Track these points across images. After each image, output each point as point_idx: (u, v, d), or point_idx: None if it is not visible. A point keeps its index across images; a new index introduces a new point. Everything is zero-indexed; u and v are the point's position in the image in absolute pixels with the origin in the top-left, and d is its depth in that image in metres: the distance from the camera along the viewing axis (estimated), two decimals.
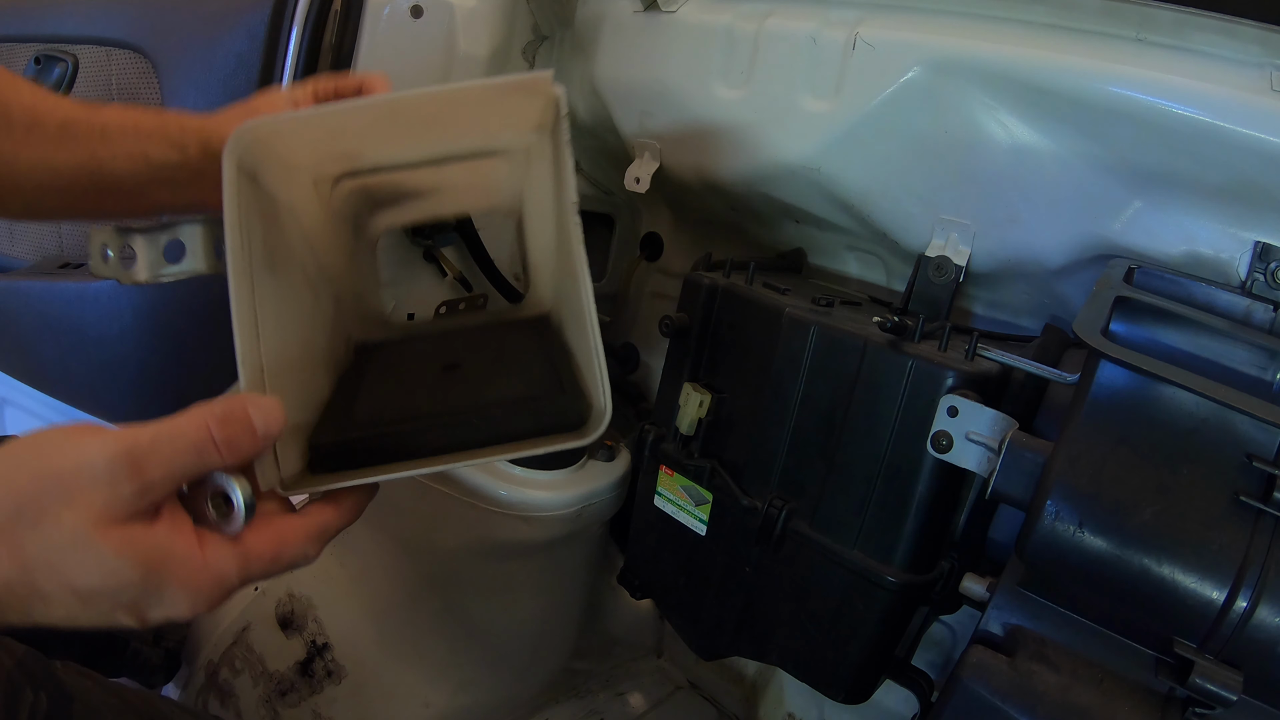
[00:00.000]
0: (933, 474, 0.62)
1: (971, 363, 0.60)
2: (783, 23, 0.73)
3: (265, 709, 0.93)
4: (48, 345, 1.09)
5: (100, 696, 0.59)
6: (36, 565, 0.38)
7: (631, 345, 1.04)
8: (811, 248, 0.89)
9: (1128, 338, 0.51)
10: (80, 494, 0.38)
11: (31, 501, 0.38)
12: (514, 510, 0.83)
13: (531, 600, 0.98)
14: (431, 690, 0.98)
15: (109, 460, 0.38)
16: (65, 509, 0.38)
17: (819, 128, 0.71)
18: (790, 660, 0.73)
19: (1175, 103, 0.56)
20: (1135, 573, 0.43)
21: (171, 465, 0.39)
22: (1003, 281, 0.73)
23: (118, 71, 1.01)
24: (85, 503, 0.38)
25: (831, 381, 0.66)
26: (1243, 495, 0.42)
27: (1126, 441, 0.46)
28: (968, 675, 0.46)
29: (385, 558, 0.99)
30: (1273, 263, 0.58)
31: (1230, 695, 0.40)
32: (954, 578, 0.64)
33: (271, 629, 0.97)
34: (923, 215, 0.71)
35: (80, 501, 0.38)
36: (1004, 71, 0.62)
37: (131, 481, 0.38)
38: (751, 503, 0.71)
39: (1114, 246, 0.63)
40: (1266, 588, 0.41)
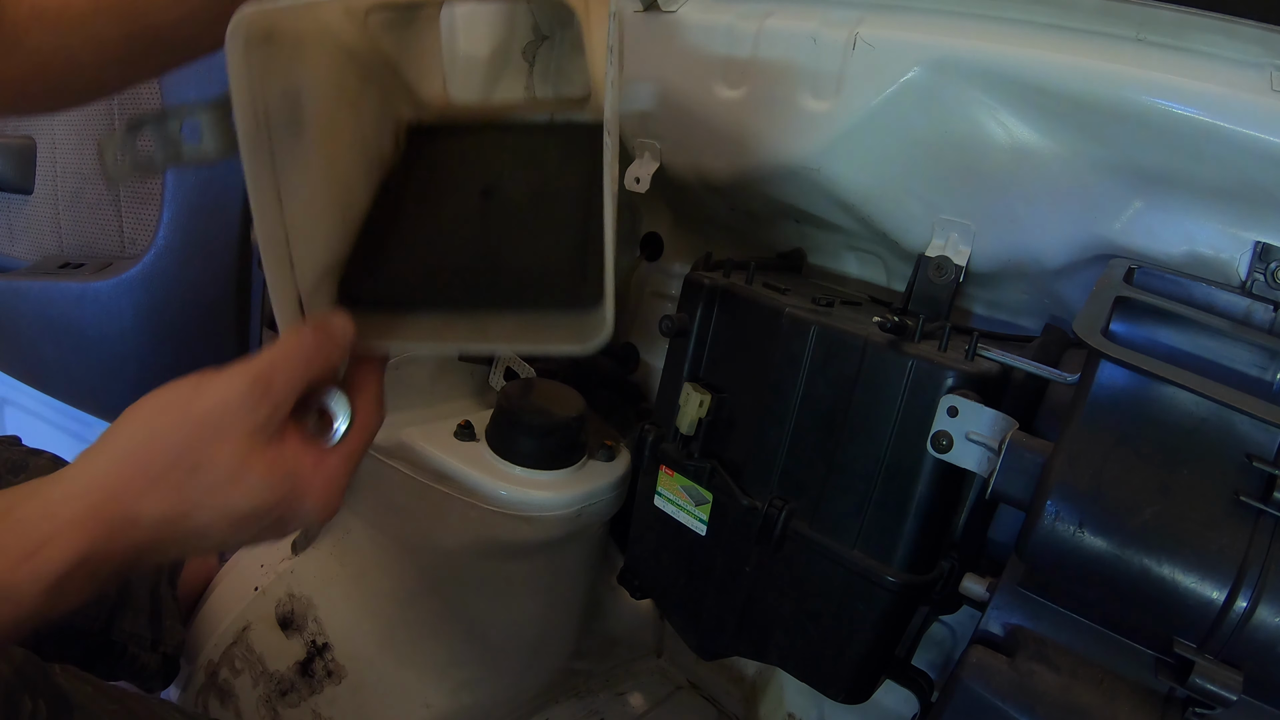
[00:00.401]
0: (933, 474, 0.62)
1: (971, 363, 0.60)
2: (783, 23, 0.73)
3: (265, 709, 0.93)
4: (48, 345, 1.09)
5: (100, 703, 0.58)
6: (198, 504, 0.41)
7: (631, 345, 1.04)
8: (811, 248, 0.89)
9: (1128, 338, 0.51)
10: (229, 429, 0.41)
11: (187, 448, 0.41)
12: (514, 510, 0.83)
13: (531, 600, 0.98)
14: (431, 690, 0.98)
15: (244, 390, 0.42)
16: (218, 447, 0.41)
17: (819, 128, 0.71)
18: (790, 660, 0.73)
19: (1175, 103, 0.56)
20: (1135, 573, 0.43)
21: (291, 381, 0.43)
22: (1003, 281, 0.73)
23: None
24: (235, 435, 0.41)
25: (831, 381, 0.66)
26: (1243, 495, 0.42)
27: (1126, 441, 0.46)
28: (968, 675, 0.46)
29: (385, 558, 0.99)
30: (1273, 263, 0.58)
31: (1230, 695, 0.40)
32: (954, 578, 0.64)
33: (271, 629, 0.97)
34: (923, 215, 0.71)
35: (231, 435, 0.41)
36: (1004, 71, 0.62)
37: (265, 404, 0.42)
38: (751, 503, 0.71)
39: (1114, 246, 0.63)
40: (1266, 588, 0.41)
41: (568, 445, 0.86)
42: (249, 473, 0.42)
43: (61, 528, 0.39)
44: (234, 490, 0.42)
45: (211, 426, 0.41)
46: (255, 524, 0.44)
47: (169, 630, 0.91)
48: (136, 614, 0.87)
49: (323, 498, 0.46)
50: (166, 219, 0.98)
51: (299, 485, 0.44)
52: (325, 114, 0.52)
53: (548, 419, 0.85)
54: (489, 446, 0.87)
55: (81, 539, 0.39)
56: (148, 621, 0.89)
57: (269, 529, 0.45)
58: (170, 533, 0.41)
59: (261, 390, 0.42)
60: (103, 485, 0.40)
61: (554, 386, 0.91)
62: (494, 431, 0.88)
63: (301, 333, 0.45)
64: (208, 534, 0.43)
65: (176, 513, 0.41)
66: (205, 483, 0.41)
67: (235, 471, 0.42)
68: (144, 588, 0.89)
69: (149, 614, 0.89)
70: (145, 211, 1.03)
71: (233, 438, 0.41)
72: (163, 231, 0.99)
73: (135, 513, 0.40)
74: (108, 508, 0.40)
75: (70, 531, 0.39)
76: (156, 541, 0.41)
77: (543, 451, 0.85)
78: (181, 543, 0.42)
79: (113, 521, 0.40)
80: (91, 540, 0.39)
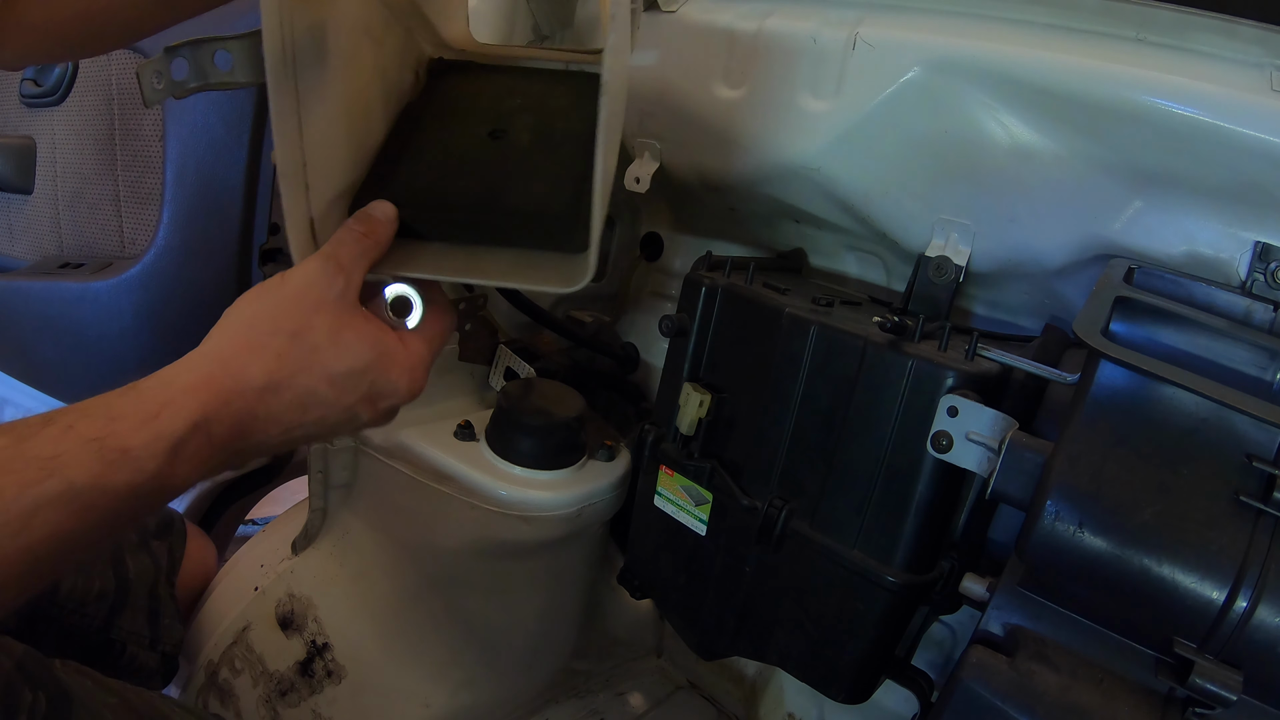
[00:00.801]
0: (933, 474, 0.62)
1: (971, 363, 0.60)
2: (783, 22, 0.73)
3: (265, 709, 0.93)
4: (48, 345, 1.09)
5: (100, 696, 0.59)
6: (302, 365, 0.46)
7: (631, 345, 1.04)
8: (811, 248, 0.89)
9: (1128, 338, 0.51)
10: (320, 298, 0.47)
11: (285, 317, 0.46)
12: (514, 510, 0.83)
13: (531, 600, 0.98)
14: (431, 690, 0.98)
15: (320, 267, 0.47)
16: (314, 314, 0.47)
17: (819, 128, 0.71)
18: (790, 660, 0.73)
19: (1175, 103, 0.56)
20: (1135, 573, 0.43)
21: (354, 253, 0.48)
22: (1003, 281, 0.73)
23: (117, 73, 1.02)
24: (327, 303, 0.47)
25: (831, 381, 0.66)
26: (1243, 495, 0.42)
27: (1126, 441, 0.46)
28: (968, 675, 0.46)
29: (385, 558, 0.98)
30: (1273, 263, 0.58)
31: (1230, 695, 0.40)
32: (954, 578, 0.64)
33: (271, 629, 0.96)
34: (923, 215, 0.71)
35: (323, 304, 0.47)
36: (1004, 71, 0.62)
37: (340, 274, 0.47)
38: (751, 503, 0.71)
39: (1114, 246, 0.63)
40: (1266, 588, 0.41)
41: (568, 445, 0.86)
42: (343, 334, 0.47)
43: (176, 394, 0.42)
44: (332, 351, 0.47)
45: (304, 299, 0.47)
46: (353, 387, 0.48)
47: (167, 629, 0.91)
48: (135, 613, 0.87)
49: (408, 372, 0.50)
50: (166, 219, 0.98)
51: (386, 354, 0.49)
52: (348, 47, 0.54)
53: (548, 419, 0.85)
54: (489, 446, 0.87)
55: (195, 403, 0.42)
56: (146, 620, 0.89)
57: (365, 399, 0.49)
58: (279, 400, 0.45)
59: (335, 265, 0.47)
60: (214, 356, 0.45)
61: (554, 386, 0.91)
62: (494, 431, 0.87)
63: (348, 223, 0.50)
64: (312, 397, 0.47)
65: (283, 375, 0.45)
66: (305, 345, 0.46)
67: (331, 333, 0.47)
68: (143, 587, 0.89)
69: (148, 613, 0.89)
70: (145, 211, 1.03)
71: (325, 306, 0.47)
72: (163, 231, 0.98)
73: (244, 378, 0.44)
74: (218, 375, 0.44)
75: (185, 397, 0.42)
76: (268, 409, 0.45)
77: (543, 451, 0.85)
78: (291, 411, 0.46)
79: (224, 387, 0.44)
80: (203, 404, 0.43)
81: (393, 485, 0.92)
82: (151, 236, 0.99)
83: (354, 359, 0.47)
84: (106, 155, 1.04)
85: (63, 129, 1.08)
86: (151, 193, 1.01)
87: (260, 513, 1.42)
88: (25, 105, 1.09)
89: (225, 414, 0.43)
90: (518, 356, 0.95)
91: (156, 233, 0.99)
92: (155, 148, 1.00)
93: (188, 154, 0.97)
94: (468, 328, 0.93)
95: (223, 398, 0.43)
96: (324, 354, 0.47)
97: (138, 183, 1.03)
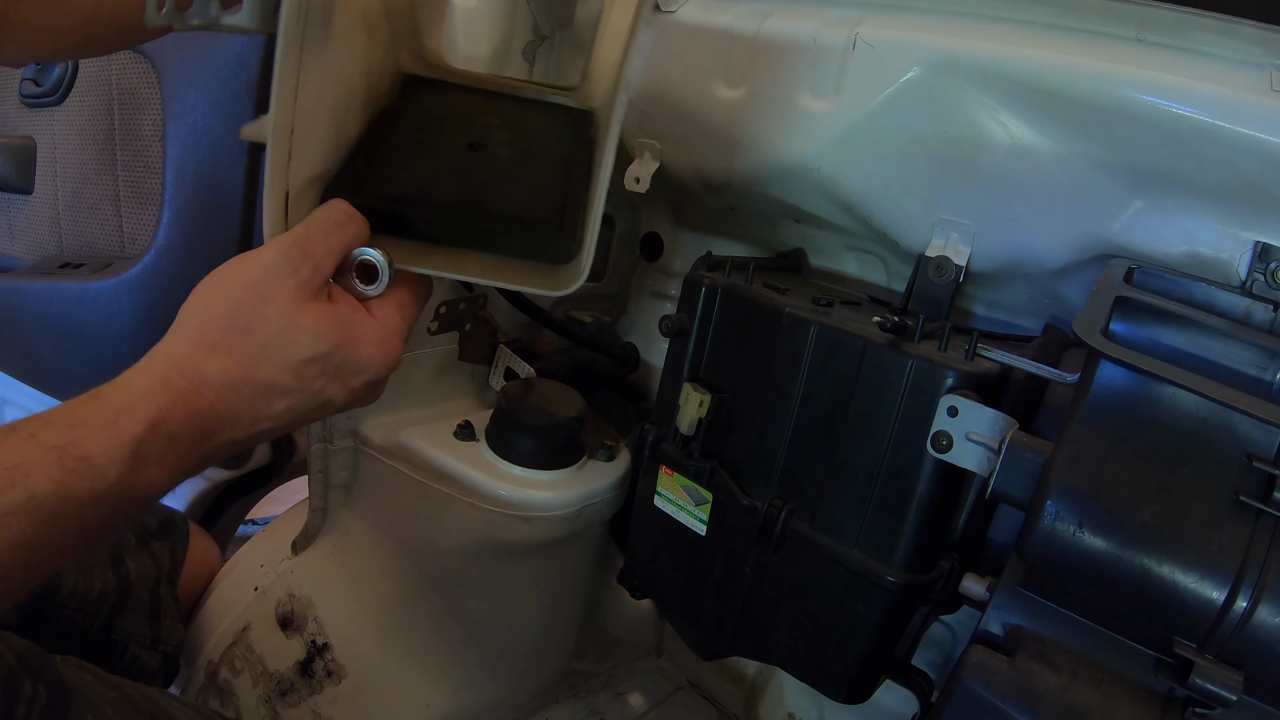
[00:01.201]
0: (933, 474, 0.62)
1: (971, 363, 0.60)
2: (783, 22, 0.73)
3: (265, 709, 0.93)
4: (48, 345, 1.09)
5: (100, 690, 0.59)
6: (256, 360, 0.45)
7: (631, 345, 1.04)
8: (811, 248, 0.89)
9: (1128, 338, 0.51)
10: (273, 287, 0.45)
11: (237, 311, 0.45)
12: (514, 510, 0.83)
13: (531, 600, 0.98)
14: (431, 690, 0.98)
15: (283, 253, 0.46)
16: (267, 304, 0.45)
17: (819, 128, 0.71)
18: (790, 660, 0.73)
19: (1175, 103, 0.56)
20: (1135, 573, 0.43)
21: (328, 240, 0.47)
22: (1003, 281, 0.73)
23: (117, 73, 1.02)
24: (280, 292, 0.45)
25: (831, 381, 0.66)
26: (1243, 495, 0.42)
27: (1126, 441, 0.46)
28: (968, 675, 0.46)
29: (385, 558, 0.98)
30: (1273, 263, 0.58)
31: (1230, 695, 0.40)
32: (954, 578, 0.64)
33: (271, 629, 0.96)
34: (923, 215, 0.71)
35: (276, 293, 0.45)
36: (1004, 72, 0.62)
37: (306, 262, 0.46)
38: (751, 503, 0.71)
39: (1114, 246, 0.63)
40: (1266, 588, 0.41)
41: (568, 445, 0.86)
42: (299, 321, 0.46)
43: (134, 398, 0.42)
44: (287, 341, 0.45)
45: (257, 289, 0.45)
46: (318, 373, 0.47)
47: (168, 629, 0.91)
48: (136, 613, 0.87)
49: (378, 343, 0.49)
50: (166, 219, 0.98)
51: (353, 331, 0.48)
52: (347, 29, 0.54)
53: (548, 419, 0.85)
54: (489, 446, 0.87)
55: (151, 406, 0.42)
56: (148, 621, 0.89)
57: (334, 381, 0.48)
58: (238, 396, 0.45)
59: (300, 252, 0.46)
60: (168, 358, 0.44)
61: (554, 386, 0.91)
62: (494, 431, 0.88)
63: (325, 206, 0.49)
64: (274, 388, 0.46)
65: (239, 370, 0.45)
66: (260, 339, 0.45)
67: (286, 324, 0.45)
68: (144, 587, 0.89)
69: (148, 613, 0.89)
70: (145, 211, 1.03)
71: (278, 295, 0.45)
72: (163, 231, 0.98)
73: (201, 376, 0.44)
74: (173, 377, 0.43)
75: (142, 401, 0.42)
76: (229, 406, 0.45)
77: (543, 451, 0.85)
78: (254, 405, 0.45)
79: (179, 388, 0.43)
80: (160, 406, 0.42)
81: (393, 485, 0.92)
82: (151, 236, 0.99)
83: (315, 344, 0.46)
84: (106, 155, 1.04)
85: (63, 129, 1.08)
86: (151, 193, 1.01)
87: (260, 513, 1.42)
88: (25, 105, 1.09)
89: (183, 414, 0.43)
90: (518, 356, 0.95)
91: (156, 233, 0.99)
92: (155, 148, 1.00)
93: (188, 154, 0.97)
94: (468, 328, 0.93)
95: (179, 398, 0.43)
96: (280, 344, 0.45)
97: (138, 183, 1.03)
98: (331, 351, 0.47)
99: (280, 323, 0.45)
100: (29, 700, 0.52)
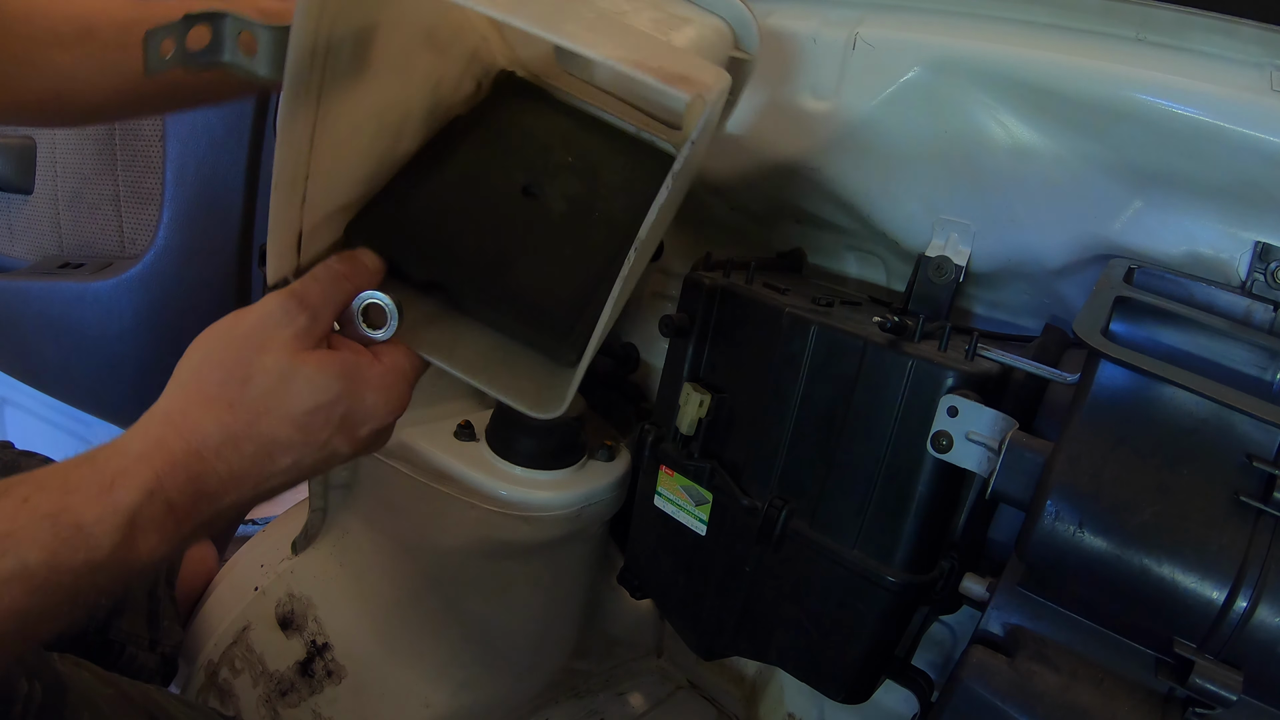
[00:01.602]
0: (933, 474, 0.62)
1: (971, 363, 0.60)
2: (783, 22, 0.73)
3: (265, 709, 0.93)
4: (48, 345, 1.09)
5: (96, 687, 0.59)
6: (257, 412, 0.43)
7: (631, 345, 1.04)
8: (811, 248, 0.89)
9: (1128, 338, 0.51)
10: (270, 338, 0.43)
11: (235, 364, 0.43)
12: (514, 510, 0.83)
13: (531, 600, 0.98)
14: (431, 690, 0.98)
15: (280, 304, 0.44)
16: (265, 355, 0.43)
17: (819, 128, 0.71)
18: (790, 660, 0.73)
19: (1175, 103, 0.56)
20: (1135, 573, 0.43)
21: (326, 292, 0.46)
22: (1003, 281, 0.73)
23: None
24: (278, 342, 0.43)
25: (831, 381, 0.66)
26: (1243, 495, 0.42)
27: (1126, 441, 0.46)
28: (968, 675, 0.46)
29: (385, 558, 0.98)
30: (1273, 263, 0.58)
31: (1230, 695, 0.40)
32: (954, 578, 0.64)
33: (271, 629, 0.97)
34: (923, 215, 0.71)
35: (274, 343, 0.43)
36: (1004, 71, 0.62)
37: (303, 312, 0.44)
38: (751, 503, 0.71)
39: (1114, 246, 0.63)
40: (1266, 588, 0.41)
41: (568, 445, 0.86)
42: (299, 371, 0.43)
43: (130, 463, 0.40)
44: (288, 391, 0.43)
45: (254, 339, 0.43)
46: (322, 424, 0.44)
47: (167, 630, 0.91)
48: (134, 614, 0.87)
49: (384, 390, 0.47)
50: (166, 219, 0.98)
51: (357, 378, 0.45)
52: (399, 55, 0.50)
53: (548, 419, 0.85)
54: (489, 446, 0.87)
55: (149, 470, 0.40)
56: (145, 621, 0.89)
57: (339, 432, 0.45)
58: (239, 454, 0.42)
59: (297, 302, 0.44)
60: (165, 417, 0.42)
61: None
62: (494, 431, 0.87)
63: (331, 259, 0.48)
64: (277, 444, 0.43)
65: (239, 426, 0.42)
66: (258, 390, 0.43)
67: (285, 374, 0.43)
68: (142, 588, 0.89)
69: (146, 614, 0.89)
70: (145, 211, 1.03)
71: (275, 345, 0.43)
72: (163, 231, 0.99)
73: (197, 437, 0.41)
74: (170, 438, 0.41)
75: (138, 465, 0.40)
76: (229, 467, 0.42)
77: (543, 451, 0.85)
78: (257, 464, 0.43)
79: (176, 449, 0.41)
80: (157, 472, 0.40)
81: (393, 485, 0.92)
82: (151, 236, 0.99)
83: (317, 393, 0.44)
84: (106, 155, 1.04)
85: (62, 129, 1.08)
86: (151, 193, 1.01)
87: (260, 513, 1.42)
88: None
89: (182, 478, 0.41)
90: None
91: (156, 233, 0.99)
92: (155, 148, 1.00)
93: (188, 154, 0.97)
94: None
95: (177, 461, 0.41)
96: (280, 395, 0.43)
97: (138, 183, 1.03)
98: (337, 399, 0.45)
99: (279, 371, 0.43)
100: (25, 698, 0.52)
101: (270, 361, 0.43)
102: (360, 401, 0.46)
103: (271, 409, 0.43)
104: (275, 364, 0.43)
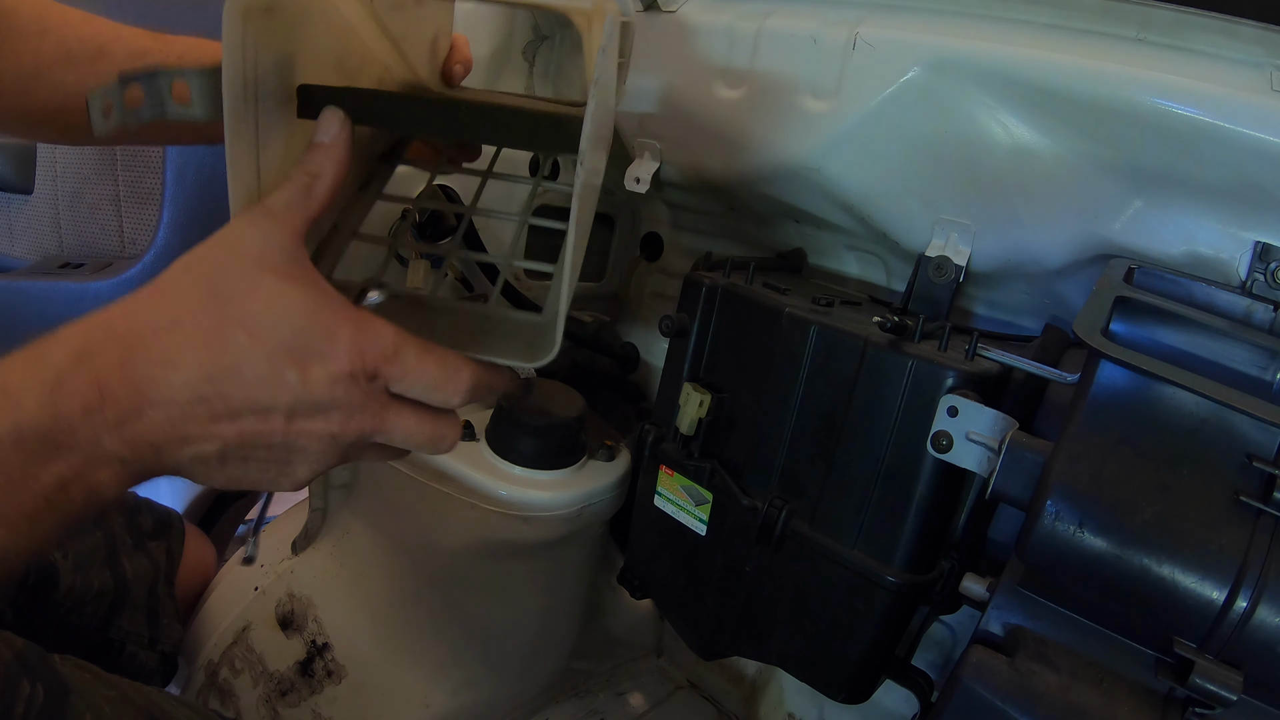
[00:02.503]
0: (933, 474, 0.62)
1: (971, 363, 0.60)
2: (783, 22, 0.73)
3: (265, 709, 0.93)
4: None
5: (98, 689, 0.59)
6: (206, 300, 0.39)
7: (631, 345, 1.04)
8: (811, 248, 0.89)
9: (1128, 338, 0.51)
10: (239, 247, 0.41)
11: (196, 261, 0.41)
12: (514, 510, 0.83)
13: (531, 600, 0.98)
14: (431, 690, 0.98)
15: (246, 219, 0.42)
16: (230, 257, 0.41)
17: (819, 128, 0.71)
18: (790, 660, 0.73)
19: (1175, 103, 0.56)
20: (1135, 573, 0.43)
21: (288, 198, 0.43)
22: (1003, 281, 0.73)
23: None
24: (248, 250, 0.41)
25: (831, 381, 0.66)
26: (1243, 495, 0.42)
27: (1126, 441, 0.46)
28: (968, 675, 0.46)
29: (385, 558, 0.99)
30: (1273, 263, 0.58)
31: (1230, 695, 0.40)
32: (954, 578, 0.64)
33: (271, 629, 0.97)
34: (923, 215, 0.71)
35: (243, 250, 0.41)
36: (1004, 71, 0.62)
37: (268, 222, 0.42)
38: (751, 503, 0.71)
39: (1114, 246, 0.63)
40: (1266, 588, 0.41)
41: (568, 445, 0.86)
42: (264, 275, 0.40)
43: (62, 330, 0.39)
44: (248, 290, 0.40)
45: (218, 245, 0.41)
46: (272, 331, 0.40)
47: (166, 629, 0.91)
48: (134, 612, 0.88)
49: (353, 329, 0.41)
50: (166, 219, 0.98)
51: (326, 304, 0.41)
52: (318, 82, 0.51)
53: (548, 419, 0.85)
54: (489, 446, 0.87)
55: (78, 333, 0.39)
56: (145, 620, 0.89)
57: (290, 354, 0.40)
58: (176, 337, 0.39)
59: (261, 212, 0.42)
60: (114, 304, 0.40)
61: (554, 386, 0.91)
62: (494, 431, 0.87)
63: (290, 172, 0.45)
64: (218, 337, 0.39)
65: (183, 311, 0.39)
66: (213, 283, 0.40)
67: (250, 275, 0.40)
68: (141, 587, 0.89)
69: (146, 612, 0.89)
70: (145, 211, 1.03)
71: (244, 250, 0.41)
72: (163, 231, 0.99)
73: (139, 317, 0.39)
74: (112, 312, 0.39)
75: (69, 330, 0.39)
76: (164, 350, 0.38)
77: (543, 451, 0.85)
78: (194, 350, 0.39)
79: (113, 319, 0.39)
80: (86, 334, 0.38)
81: (393, 485, 0.92)
82: (151, 236, 0.99)
83: (277, 300, 0.40)
84: (106, 155, 1.04)
85: None
86: (151, 193, 1.01)
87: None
88: None
89: (111, 347, 0.38)
90: None
91: (156, 233, 0.99)
92: (155, 148, 1.00)
93: (188, 154, 0.97)
94: None
95: (110, 330, 0.39)
96: (238, 293, 0.39)
97: (138, 183, 1.03)
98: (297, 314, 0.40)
99: (243, 272, 0.40)
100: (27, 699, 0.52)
101: (236, 262, 0.40)
102: (323, 327, 0.41)
103: (222, 299, 0.39)
104: (241, 265, 0.40)
